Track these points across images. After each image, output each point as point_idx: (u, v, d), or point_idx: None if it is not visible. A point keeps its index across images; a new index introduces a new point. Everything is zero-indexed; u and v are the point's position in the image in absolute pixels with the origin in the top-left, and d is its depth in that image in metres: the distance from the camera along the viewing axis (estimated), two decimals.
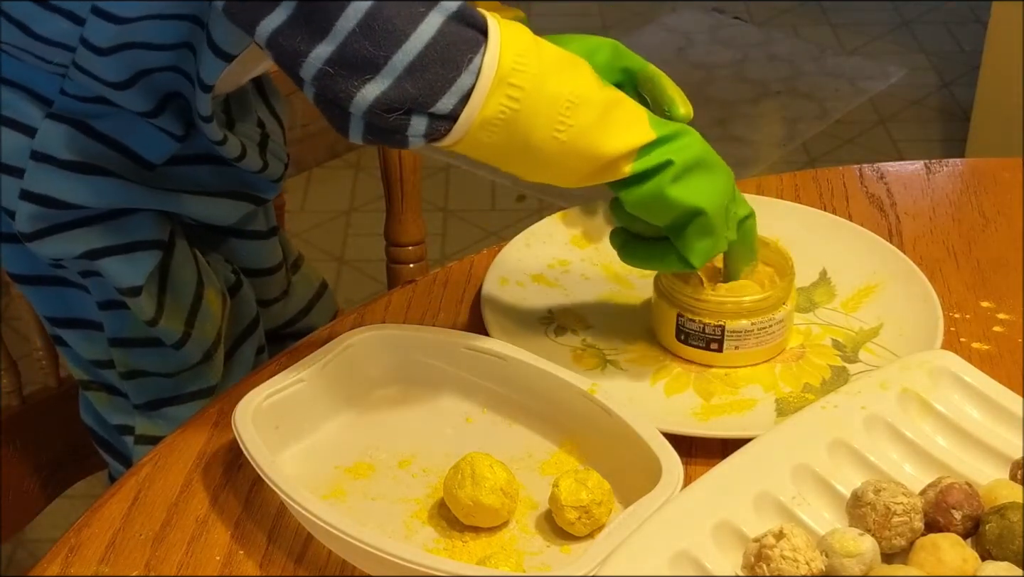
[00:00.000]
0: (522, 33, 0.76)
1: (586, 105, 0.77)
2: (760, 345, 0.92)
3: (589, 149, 0.78)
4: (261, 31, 0.72)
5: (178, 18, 0.86)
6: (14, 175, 0.93)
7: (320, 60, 0.72)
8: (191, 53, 0.88)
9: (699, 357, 0.92)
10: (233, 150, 0.97)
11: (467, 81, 0.74)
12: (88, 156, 0.93)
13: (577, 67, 0.79)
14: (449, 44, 0.73)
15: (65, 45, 0.88)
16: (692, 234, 0.83)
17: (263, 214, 1.09)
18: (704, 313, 0.91)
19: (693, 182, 0.81)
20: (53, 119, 0.92)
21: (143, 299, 0.96)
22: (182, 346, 1.00)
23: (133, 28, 0.86)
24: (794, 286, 0.93)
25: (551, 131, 0.77)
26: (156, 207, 0.97)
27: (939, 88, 2.96)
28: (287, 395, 0.84)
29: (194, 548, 0.79)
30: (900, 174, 1.16)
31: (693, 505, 0.75)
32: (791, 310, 0.93)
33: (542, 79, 0.76)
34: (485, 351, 0.88)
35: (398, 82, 0.72)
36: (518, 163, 0.79)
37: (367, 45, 0.71)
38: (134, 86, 0.90)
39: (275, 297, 1.13)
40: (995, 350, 0.94)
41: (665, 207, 0.82)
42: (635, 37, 3.16)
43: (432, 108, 0.74)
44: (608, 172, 0.80)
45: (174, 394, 1.03)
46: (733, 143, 2.74)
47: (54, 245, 0.95)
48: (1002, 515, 0.73)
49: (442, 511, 0.81)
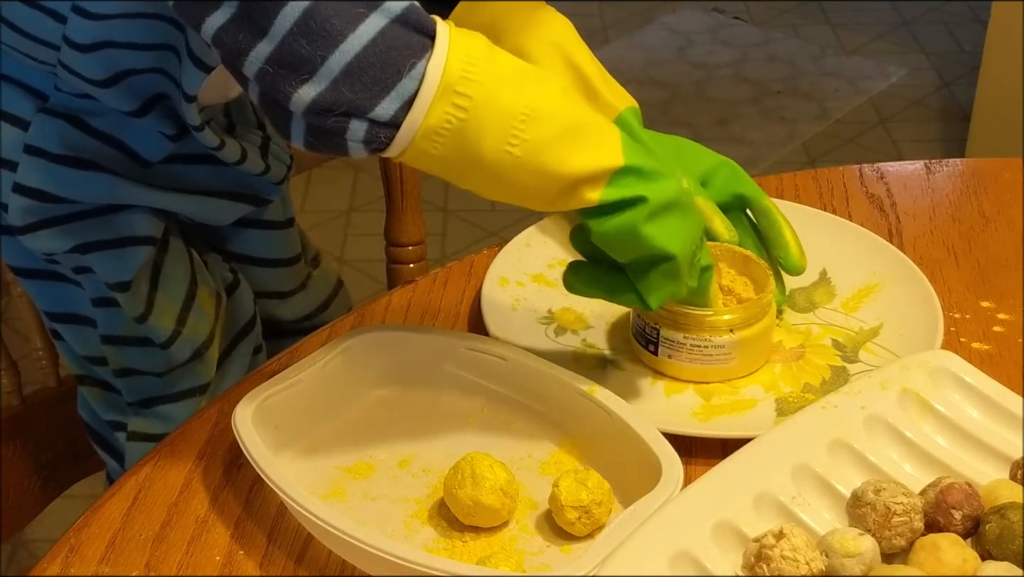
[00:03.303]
0: (475, 41, 0.74)
1: (544, 119, 0.73)
2: (694, 363, 0.89)
3: (547, 167, 0.74)
4: (207, 29, 0.72)
5: (153, 17, 0.87)
6: (7, 168, 0.93)
7: (261, 59, 0.71)
8: (175, 57, 0.89)
9: (642, 355, 0.92)
10: (232, 154, 0.97)
11: (409, 87, 0.71)
12: (81, 151, 0.94)
13: (541, 81, 0.76)
14: (390, 48, 0.70)
15: (50, 43, 0.89)
16: (656, 276, 0.80)
17: (280, 204, 1.10)
18: (647, 313, 0.90)
19: (668, 224, 0.78)
20: (47, 114, 0.93)
21: (132, 295, 0.97)
22: (171, 344, 1.00)
23: (110, 26, 0.87)
24: (769, 320, 0.90)
25: (503, 144, 0.73)
26: (149, 204, 0.97)
27: (939, 88, 2.96)
28: (287, 395, 0.84)
29: (194, 548, 0.79)
30: (900, 174, 1.16)
31: (693, 505, 0.75)
32: (746, 339, 0.89)
33: (494, 89, 0.72)
34: (485, 351, 0.88)
35: (334, 84, 0.70)
36: (472, 179, 0.75)
37: (304, 44, 0.70)
38: (116, 85, 0.90)
39: (293, 289, 1.14)
40: (995, 350, 0.94)
41: (634, 245, 0.78)
42: (635, 37, 3.16)
43: (371, 113, 0.71)
44: (572, 196, 0.76)
45: (165, 392, 1.03)
46: (733, 143, 2.74)
47: (46, 239, 0.95)
48: (1002, 515, 0.73)
49: (442, 511, 0.81)
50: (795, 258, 0.93)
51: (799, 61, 3.09)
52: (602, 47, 3.09)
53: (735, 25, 3.25)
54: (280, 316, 1.14)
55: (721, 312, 0.88)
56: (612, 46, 3.09)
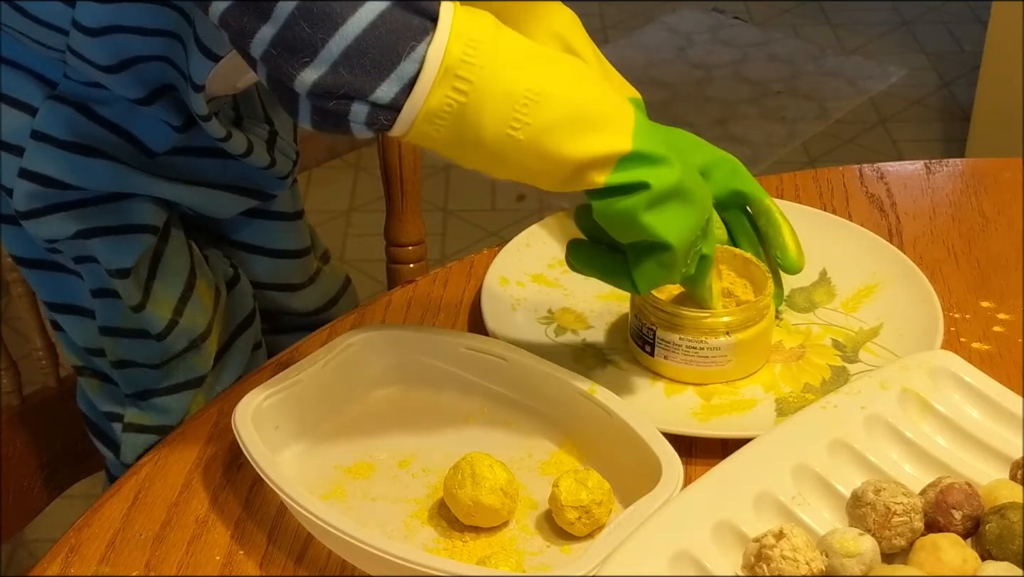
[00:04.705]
0: (480, 23, 0.73)
1: (549, 103, 0.73)
2: (690, 364, 0.89)
3: (550, 150, 0.74)
4: (214, 10, 0.73)
5: (161, 2, 0.87)
6: (14, 153, 0.94)
7: (265, 41, 0.71)
8: (181, 47, 0.89)
9: (639, 356, 0.92)
10: (239, 146, 0.97)
11: (409, 70, 0.71)
12: (88, 139, 0.94)
13: (550, 63, 0.75)
14: (390, 31, 0.71)
15: (59, 28, 0.89)
16: (649, 263, 0.80)
17: (290, 196, 1.10)
18: (643, 313, 0.90)
19: (667, 212, 0.78)
20: (55, 100, 0.94)
21: (131, 283, 0.97)
22: (167, 335, 1.00)
23: (118, 9, 0.87)
24: (767, 323, 0.90)
25: (504, 128, 0.73)
26: (153, 194, 0.98)
27: (939, 88, 2.96)
28: (287, 395, 0.84)
29: (194, 548, 0.79)
30: (900, 174, 1.16)
31: (693, 505, 0.75)
32: (743, 341, 0.89)
33: (495, 72, 0.72)
34: (485, 351, 0.88)
35: (334, 67, 0.71)
36: (477, 159, 0.76)
37: (305, 27, 0.70)
38: (124, 72, 0.91)
39: (302, 282, 1.14)
40: (995, 350, 0.94)
41: (632, 230, 0.78)
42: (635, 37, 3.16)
43: (371, 96, 0.71)
44: (580, 179, 0.76)
45: (161, 384, 1.03)
46: (733, 143, 2.74)
47: (49, 225, 0.96)
48: (1002, 515, 0.73)
49: (442, 511, 0.81)
50: (793, 257, 0.92)
51: (799, 61, 3.09)
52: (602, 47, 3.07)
53: (735, 25, 3.25)
54: (290, 307, 1.14)
55: (718, 314, 0.88)
56: (612, 46, 3.09)
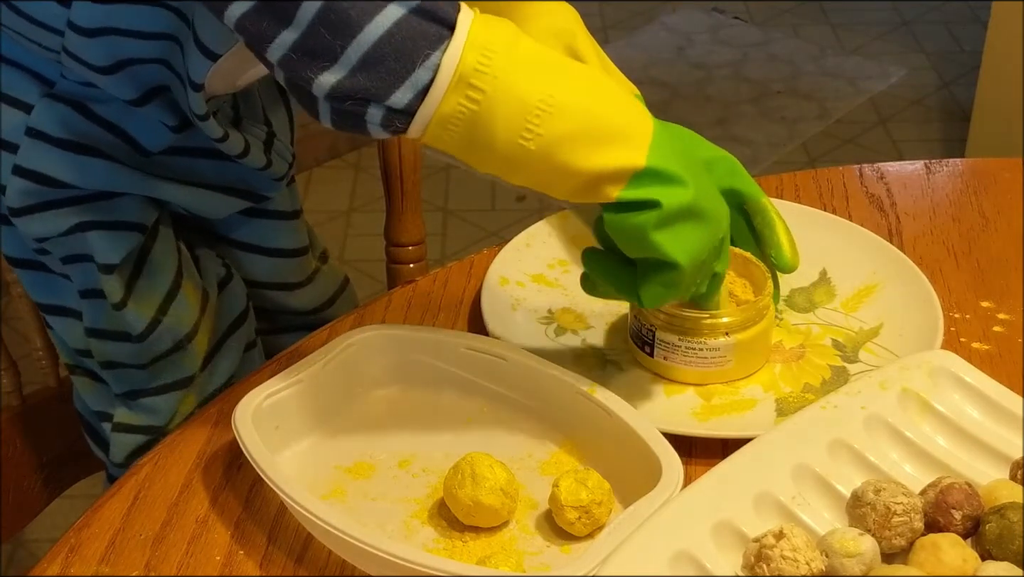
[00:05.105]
0: (498, 32, 0.74)
1: (562, 114, 0.73)
2: (689, 365, 0.89)
3: (562, 162, 0.74)
4: (230, 15, 0.73)
5: (157, 4, 0.88)
6: (8, 150, 0.94)
7: (285, 46, 0.72)
8: (178, 48, 0.89)
9: (639, 357, 0.92)
10: (235, 147, 0.97)
11: (423, 77, 0.72)
12: (83, 137, 0.95)
13: (567, 74, 0.75)
14: (406, 38, 0.72)
15: (55, 29, 0.89)
16: (656, 280, 0.79)
17: (288, 195, 1.11)
18: (643, 314, 0.90)
19: (678, 232, 0.77)
20: (51, 98, 0.94)
21: (114, 279, 0.97)
22: (149, 335, 1.00)
23: (113, 11, 0.88)
24: (767, 323, 0.90)
25: (516, 137, 0.73)
26: (147, 193, 0.98)
27: (939, 88, 2.96)
28: (287, 395, 0.84)
29: (194, 548, 0.79)
30: (900, 174, 1.16)
31: (693, 505, 0.75)
32: (743, 342, 0.89)
33: (509, 82, 0.73)
34: (485, 351, 0.88)
35: (352, 73, 0.72)
36: (491, 165, 0.76)
37: (326, 34, 0.72)
38: (118, 73, 0.91)
39: (299, 281, 1.14)
40: (995, 350, 0.94)
41: (642, 246, 0.78)
42: (635, 37, 3.16)
43: (387, 101, 0.73)
44: (593, 191, 0.76)
45: (150, 385, 1.03)
46: (733, 143, 2.74)
47: (41, 223, 0.96)
48: (1002, 515, 0.73)
49: (442, 511, 0.81)
50: (787, 256, 0.92)
51: (799, 61, 3.09)
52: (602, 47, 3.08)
53: (735, 25, 3.25)
54: (288, 307, 1.14)
55: (718, 315, 0.88)
56: (612, 46, 3.09)
